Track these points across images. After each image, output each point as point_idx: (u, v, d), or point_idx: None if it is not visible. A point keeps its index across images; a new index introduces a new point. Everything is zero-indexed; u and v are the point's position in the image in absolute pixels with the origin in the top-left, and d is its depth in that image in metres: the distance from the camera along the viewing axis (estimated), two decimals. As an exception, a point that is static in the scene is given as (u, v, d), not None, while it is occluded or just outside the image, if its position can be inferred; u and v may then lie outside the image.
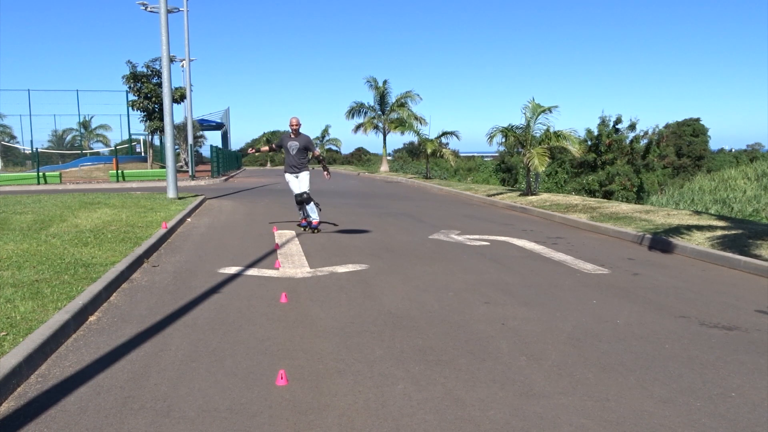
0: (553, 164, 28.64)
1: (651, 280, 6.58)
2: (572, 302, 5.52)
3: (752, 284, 6.47)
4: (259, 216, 12.42)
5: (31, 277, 5.66)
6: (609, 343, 4.35)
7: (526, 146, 16.97)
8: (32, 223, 9.78)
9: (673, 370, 3.85)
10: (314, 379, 3.63)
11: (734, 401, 3.38)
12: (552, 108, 16.85)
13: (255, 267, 6.93)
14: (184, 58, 30.62)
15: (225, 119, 53.52)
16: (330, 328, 4.66)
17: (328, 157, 61.82)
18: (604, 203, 14.55)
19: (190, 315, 4.94)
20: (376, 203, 16.05)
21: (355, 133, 41.19)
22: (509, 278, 6.50)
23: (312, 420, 3.08)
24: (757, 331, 4.69)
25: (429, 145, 28.60)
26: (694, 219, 10.87)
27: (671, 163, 42.71)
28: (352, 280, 6.30)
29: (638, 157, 28.15)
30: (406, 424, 3.04)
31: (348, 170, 44.35)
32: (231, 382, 3.56)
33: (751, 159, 45.88)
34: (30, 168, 33.46)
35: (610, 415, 3.18)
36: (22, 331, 4.04)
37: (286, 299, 5.42)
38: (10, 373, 3.37)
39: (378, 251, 8.08)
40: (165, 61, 16.31)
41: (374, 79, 38.80)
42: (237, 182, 26.89)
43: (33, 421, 3.06)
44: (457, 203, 16.79)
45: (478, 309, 5.23)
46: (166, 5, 15.97)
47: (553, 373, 3.76)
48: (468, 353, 4.11)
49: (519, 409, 3.24)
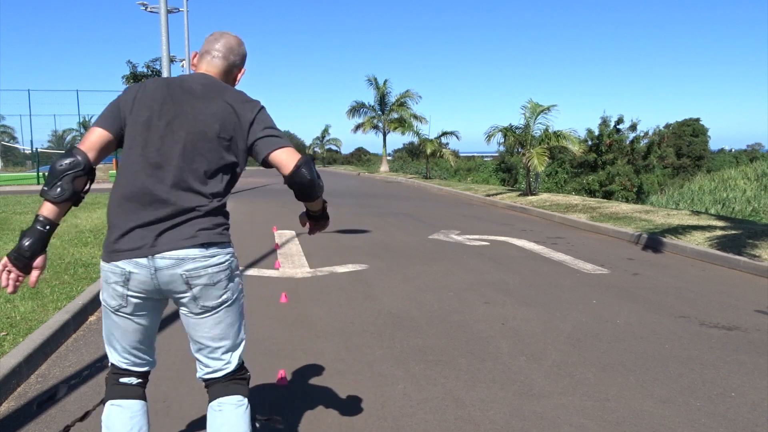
0: (553, 164, 28.62)
1: (651, 280, 6.58)
2: (572, 302, 5.52)
3: (752, 284, 6.47)
4: (259, 216, 12.41)
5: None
6: (609, 343, 4.36)
7: (526, 146, 16.96)
8: (32, 223, 9.77)
9: (673, 370, 3.86)
10: (314, 379, 3.63)
11: (734, 401, 3.38)
12: (551, 107, 16.85)
13: (255, 267, 6.93)
14: (184, 58, 30.52)
15: (225, 119, 53.46)
16: (330, 328, 4.66)
17: (329, 157, 61.68)
18: (604, 203, 14.55)
19: (190, 315, 4.94)
20: (376, 203, 16.05)
21: (354, 132, 41.21)
22: (509, 278, 6.50)
23: (312, 420, 3.08)
24: (757, 331, 4.69)
25: (429, 145, 28.58)
26: (694, 219, 10.87)
27: (671, 164, 42.71)
28: (352, 280, 6.30)
29: (639, 158, 28.14)
30: (406, 424, 3.05)
31: (348, 170, 44.35)
32: (231, 382, 3.56)
33: (751, 159, 45.85)
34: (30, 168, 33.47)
35: (610, 415, 3.18)
36: (22, 331, 4.04)
37: (286, 299, 5.42)
38: (10, 373, 3.38)
39: (378, 251, 8.08)
40: (165, 61, 16.31)
41: (374, 78, 38.78)
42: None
43: (33, 420, 3.06)
44: (457, 203, 16.79)
45: (478, 309, 5.23)
46: (166, 5, 15.97)
47: (553, 373, 3.76)
48: (468, 353, 4.11)
49: (519, 409, 3.24)
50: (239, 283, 2.14)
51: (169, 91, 2.04)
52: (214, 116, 2.01)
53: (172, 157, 1.97)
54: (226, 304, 2.07)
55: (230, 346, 2.13)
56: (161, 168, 1.97)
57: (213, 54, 2.18)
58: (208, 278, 2.00)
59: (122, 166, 2.03)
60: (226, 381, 2.14)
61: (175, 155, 1.97)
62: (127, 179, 1.99)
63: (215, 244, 2.01)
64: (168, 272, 1.96)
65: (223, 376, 2.14)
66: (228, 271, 2.05)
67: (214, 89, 2.07)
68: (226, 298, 2.06)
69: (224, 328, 2.10)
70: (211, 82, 2.10)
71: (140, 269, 1.97)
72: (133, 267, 1.97)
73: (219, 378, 2.14)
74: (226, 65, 2.18)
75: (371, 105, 39.75)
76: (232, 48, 2.19)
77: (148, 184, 1.96)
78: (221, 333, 2.10)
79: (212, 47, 2.18)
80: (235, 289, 2.10)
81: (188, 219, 1.97)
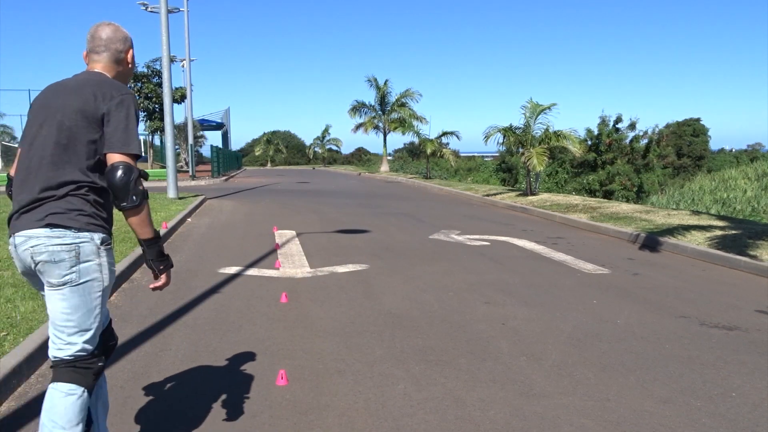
0: (554, 164, 28.63)
1: (651, 280, 6.58)
2: (572, 302, 5.52)
3: (752, 284, 6.46)
4: (260, 216, 12.41)
5: None
6: (609, 343, 4.35)
7: (526, 146, 16.96)
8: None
9: (673, 370, 3.85)
10: (314, 379, 3.63)
11: (734, 401, 3.38)
12: (551, 106, 16.84)
13: (255, 267, 6.93)
14: (184, 58, 30.59)
15: (225, 119, 53.51)
16: (330, 328, 4.66)
17: (329, 157, 61.67)
18: (604, 203, 14.54)
19: (190, 315, 4.94)
20: (377, 203, 16.05)
21: (355, 132, 41.22)
22: (509, 278, 6.50)
23: (312, 420, 3.08)
24: (758, 331, 4.69)
25: (429, 145, 28.59)
26: (694, 219, 10.87)
27: (671, 163, 42.69)
28: (352, 280, 6.29)
29: (638, 157, 28.13)
30: (406, 424, 3.04)
31: (348, 170, 44.36)
32: (231, 382, 3.56)
33: (751, 159, 45.85)
34: (30, 168, 33.43)
35: (611, 415, 3.18)
36: (22, 331, 4.04)
37: (286, 299, 5.42)
38: (11, 372, 3.38)
39: (378, 251, 8.08)
40: (165, 61, 16.31)
41: (375, 78, 38.83)
42: (237, 182, 26.89)
43: (33, 420, 3.06)
44: (458, 203, 16.79)
45: (479, 309, 5.23)
46: (166, 5, 15.97)
47: (554, 373, 3.76)
48: (468, 353, 4.11)
49: (519, 409, 3.24)
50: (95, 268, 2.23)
51: (45, 92, 2.32)
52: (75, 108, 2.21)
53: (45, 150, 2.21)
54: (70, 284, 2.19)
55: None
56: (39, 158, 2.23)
57: (96, 50, 2.35)
58: (48, 256, 2.15)
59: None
60: (67, 366, 2.21)
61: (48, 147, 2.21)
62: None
63: (62, 226, 2.17)
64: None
65: (66, 358, 2.21)
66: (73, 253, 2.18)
67: (86, 83, 2.27)
68: (69, 279, 2.18)
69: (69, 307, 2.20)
70: (86, 77, 2.31)
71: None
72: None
73: (62, 359, 2.21)
74: (112, 55, 2.36)
75: (372, 105, 39.78)
76: (110, 38, 2.35)
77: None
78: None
79: (95, 44, 2.34)
80: (85, 272, 2.20)
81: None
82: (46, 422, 2.15)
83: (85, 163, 2.19)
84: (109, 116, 2.18)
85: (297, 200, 16.37)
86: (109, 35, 2.34)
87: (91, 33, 2.33)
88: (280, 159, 63.42)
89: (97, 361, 2.26)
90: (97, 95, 2.19)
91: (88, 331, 2.23)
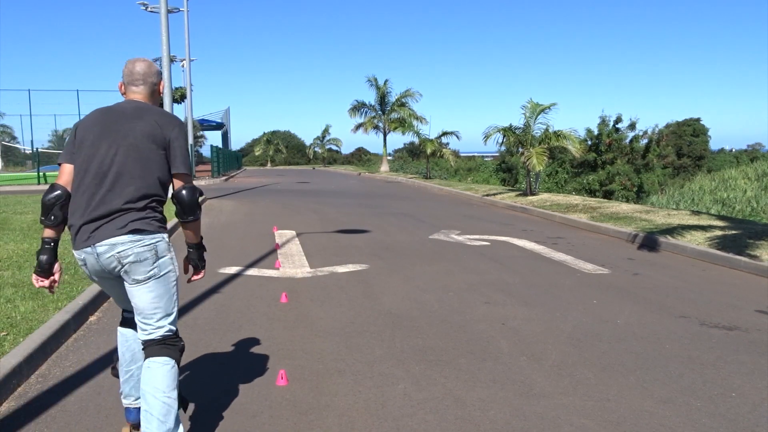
0: (554, 164, 28.62)
1: (651, 280, 6.58)
2: (573, 302, 5.52)
3: (752, 284, 6.47)
4: (260, 216, 12.42)
5: (32, 277, 5.66)
6: (609, 343, 4.35)
7: (526, 146, 16.95)
8: (32, 223, 9.77)
9: (673, 370, 3.85)
10: (314, 379, 3.63)
11: (734, 401, 3.38)
12: (551, 105, 16.84)
13: (255, 267, 6.93)
14: (184, 58, 30.58)
15: (225, 119, 53.52)
16: (330, 328, 4.66)
17: (329, 157, 61.72)
18: (604, 203, 14.54)
19: (190, 315, 4.94)
20: (377, 203, 16.05)
21: (355, 132, 41.23)
22: (509, 278, 6.50)
23: (312, 420, 3.08)
24: (758, 331, 4.69)
25: (429, 145, 28.59)
26: (694, 219, 10.87)
27: (671, 163, 42.67)
28: (352, 280, 6.30)
29: (638, 157, 28.13)
30: (406, 424, 3.04)
31: (348, 170, 44.36)
32: (231, 382, 3.56)
33: (751, 159, 45.85)
34: (30, 168, 33.47)
35: (611, 415, 3.18)
36: (22, 331, 4.04)
37: (286, 299, 5.42)
38: (11, 373, 3.38)
39: (378, 251, 8.08)
40: (165, 61, 16.32)
41: (375, 78, 38.84)
42: (237, 182, 26.89)
43: (33, 420, 3.06)
44: (458, 203, 16.79)
45: (479, 309, 5.23)
46: (166, 5, 15.98)
47: (554, 373, 3.76)
48: (468, 353, 4.11)
49: (519, 409, 3.24)
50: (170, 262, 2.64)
51: (103, 117, 2.60)
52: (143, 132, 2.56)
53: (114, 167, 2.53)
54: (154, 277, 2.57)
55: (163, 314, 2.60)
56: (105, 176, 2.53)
57: (135, 83, 2.67)
58: (135, 257, 2.50)
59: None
60: (159, 345, 2.58)
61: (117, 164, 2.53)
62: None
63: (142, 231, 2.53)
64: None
65: (157, 339, 2.57)
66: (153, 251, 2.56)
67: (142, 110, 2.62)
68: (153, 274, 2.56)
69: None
70: (137, 105, 2.64)
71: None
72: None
73: (153, 340, 2.58)
74: (149, 87, 2.70)
75: (372, 105, 39.77)
76: (146, 72, 2.68)
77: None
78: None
79: (133, 78, 2.67)
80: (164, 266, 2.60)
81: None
82: (149, 389, 2.49)
83: (156, 180, 2.56)
84: (173, 143, 2.59)
85: (297, 200, 16.38)
86: (144, 70, 2.67)
87: (129, 68, 2.66)
88: (280, 159, 63.40)
89: (180, 340, 2.67)
90: (161, 123, 2.58)
91: (171, 314, 2.64)
